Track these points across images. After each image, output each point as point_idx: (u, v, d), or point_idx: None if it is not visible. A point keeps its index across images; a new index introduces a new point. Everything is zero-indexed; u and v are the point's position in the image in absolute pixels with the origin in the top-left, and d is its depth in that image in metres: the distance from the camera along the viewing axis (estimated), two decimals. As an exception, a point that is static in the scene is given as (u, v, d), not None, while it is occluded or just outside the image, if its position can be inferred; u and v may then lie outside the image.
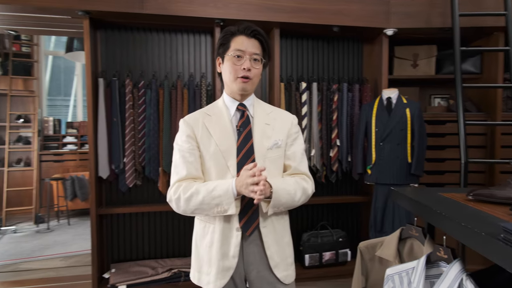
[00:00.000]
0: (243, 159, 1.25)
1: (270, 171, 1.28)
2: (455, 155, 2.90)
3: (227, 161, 1.26)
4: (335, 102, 3.01)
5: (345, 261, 3.01)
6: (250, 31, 1.26)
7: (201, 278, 1.30)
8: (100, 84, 2.71)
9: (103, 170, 2.70)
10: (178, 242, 3.00)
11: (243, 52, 1.24)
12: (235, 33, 1.27)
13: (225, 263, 1.25)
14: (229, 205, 1.19)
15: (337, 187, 3.25)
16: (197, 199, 1.21)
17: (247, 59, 1.24)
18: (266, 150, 1.29)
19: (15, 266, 3.36)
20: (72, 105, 6.95)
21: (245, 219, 1.25)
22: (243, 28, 1.26)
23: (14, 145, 5.49)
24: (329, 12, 2.75)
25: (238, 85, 1.27)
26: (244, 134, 1.28)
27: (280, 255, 1.31)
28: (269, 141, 1.30)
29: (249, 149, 1.27)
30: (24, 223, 4.99)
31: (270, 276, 1.30)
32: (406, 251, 1.22)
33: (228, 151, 1.27)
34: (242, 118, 1.30)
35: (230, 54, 1.26)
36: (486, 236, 0.76)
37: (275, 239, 1.30)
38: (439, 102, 3.41)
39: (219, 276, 1.25)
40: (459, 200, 1.11)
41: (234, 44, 1.25)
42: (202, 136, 1.29)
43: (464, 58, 3.12)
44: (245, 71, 1.25)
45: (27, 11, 2.50)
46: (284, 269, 1.32)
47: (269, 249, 1.28)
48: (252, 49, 1.25)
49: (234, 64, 1.25)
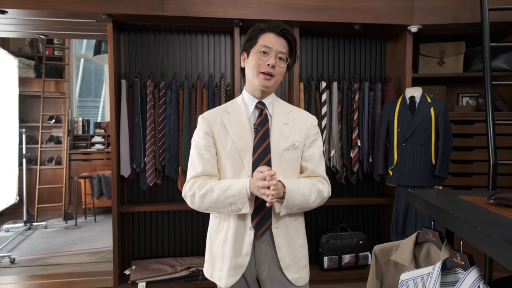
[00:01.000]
0: (259, 158, 1.25)
1: (286, 171, 1.27)
2: (484, 157, 2.77)
3: (243, 160, 1.25)
4: (356, 102, 2.94)
5: (365, 264, 2.93)
6: (280, 30, 1.26)
7: (214, 273, 1.31)
8: (123, 86, 2.79)
9: (124, 169, 2.77)
10: (197, 241, 3.03)
11: (269, 48, 1.24)
12: (264, 30, 1.27)
13: (238, 261, 1.25)
14: (243, 204, 1.19)
15: (358, 189, 3.18)
16: (211, 197, 1.21)
17: (273, 56, 1.24)
18: (283, 151, 1.27)
19: (44, 261, 3.51)
20: (101, 106, 7.20)
21: (257, 219, 1.25)
22: (273, 26, 1.26)
23: (46, 144, 5.75)
24: (351, 9, 2.69)
25: (260, 81, 1.26)
26: (261, 133, 1.27)
27: (291, 257, 1.29)
28: (287, 142, 1.28)
29: (266, 148, 1.25)
30: (54, 219, 5.21)
31: (281, 277, 1.28)
32: (423, 256, 1.17)
33: (244, 149, 1.26)
34: (260, 117, 1.29)
35: (256, 49, 1.25)
36: (503, 243, 0.71)
37: (287, 241, 1.29)
38: (468, 101, 3.26)
39: (231, 273, 1.25)
40: (480, 203, 1.05)
41: (262, 40, 1.25)
42: (219, 133, 1.28)
43: (494, 55, 2.96)
44: (269, 68, 1.24)
45: (55, 15, 2.61)
46: (295, 271, 1.30)
47: (280, 250, 1.27)
48: (279, 47, 1.25)
49: (259, 59, 1.25)
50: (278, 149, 1.27)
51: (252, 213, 1.24)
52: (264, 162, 1.24)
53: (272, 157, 1.26)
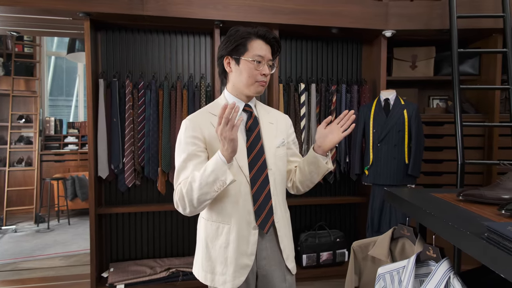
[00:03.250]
0: (255, 159, 1.29)
1: (280, 167, 1.35)
2: (453, 156, 2.91)
3: (239, 162, 1.27)
4: (334, 103, 3.02)
5: (342, 261, 3.02)
6: (270, 38, 1.28)
7: (215, 279, 1.28)
8: (101, 85, 2.74)
9: (102, 170, 2.72)
10: (176, 241, 3.01)
11: (262, 58, 1.26)
12: (253, 36, 1.26)
13: (244, 261, 1.27)
14: (224, 174, 1.14)
15: (335, 188, 3.27)
16: (195, 186, 1.16)
17: (265, 64, 1.27)
18: (276, 148, 1.34)
19: (15, 265, 3.38)
20: (73, 106, 6.98)
21: (261, 218, 1.28)
22: (262, 32, 1.26)
23: (16, 145, 5.52)
24: (328, 13, 2.77)
25: (256, 88, 1.29)
26: (254, 135, 1.31)
27: (289, 247, 1.38)
28: (277, 140, 1.35)
29: (260, 149, 1.30)
30: (25, 222, 5.01)
31: (279, 269, 1.33)
32: (398, 251, 1.24)
33: (238, 151, 1.25)
34: (250, 119, 1.33)
35: (250, 59, 1.25)
36: (471, 235, 0.78)
37: (285, 233, 1.36)
38: (438, 104, 3.42)
39: (236, 274, 1.26)
40: (450, 200, 1.13)
41: (254, 49, 1.25)
42: (211, 137, 1.26)
43: (462, 60, 3.13)
44: (265, 77, 1.28)
45: (28, 12, 2.52)
46: (292, 261, 1.38)
47: (282, 242, 1.34)
48: (269, 55, 1.29)
49: (255, 69, 1.26)
50: (272, 147, 1.33)
51: (255, 212, 1.27)
52: (261, 162, 1.29)
53: (267, 156, 1.31)
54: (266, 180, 1.29)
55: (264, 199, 1.27)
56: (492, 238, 0.72)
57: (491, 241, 0.72)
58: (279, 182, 1.35)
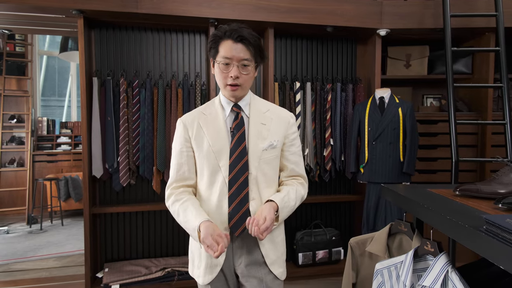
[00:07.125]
0: (236, 161, 1.26)
1: (266, 171, 1.29)
2: (447, 154, 2.94)
3: (219, 162, 1.27)
4: (329, 102, 3.03)
5: (338, 259, 3.02)
6: (236, 36, 1.20)
7: (194, 270, 1.36)
8: (94, 84, 2.71)
9: (96, 169, 2.70)
10: (172, 241, 3.00)
11: (230, 59, 1.21)
12: (222, 37, 1.23)
13: (213, 260, 1.27)
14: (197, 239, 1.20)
15: (331, 186, 3.27)
16: (178, 219, 1.28)
17: (235, 65, 1.21)
18: (261, 151, 1.29)
19: (8, 267, 3.33)
20: (66, 105, 6.91)
21: (235, 220, 1.25)
22: (229, 32, 1.21)
23: (7, 145, 5.45)
24: (323, 12, 2.77)
25: (228, 92, 1.27)
26: (237, 136, 1.27)
27: (275, 253, 1.33)
28: (264, 142, 1.29)
29: (242, 151, 1.27)
30: (17, 223, 4.95)
31: (258, 270, 1.31)
32: (396, 246, 1.24)
33: (221, 151, 1.27)
34: (236, 120, 1.29)
35: (218, 61, 1.24)
36: (470, 228, 0.78)
37: (269, 238, 1.31)
38: (432, 102, 3.45)
39: (207, 271, 1.29)
40: (446, 195, 1.13)
41: (222, 50, 1.22)
42: (196, 136, 1.30)
43: (455, 59, 3.16)
44: (233, 80, 1.22)
45: (21, 9, 2.49)
46: (279, 266, 1.34)
47: (263, 247, 1.29)
48: (239, 55, 1.21)
49: (223, 72, 1.23)
50: (257, 151, 1.28)
51: (229, 212, 1.25)
52: (242, 164, 1.25)
53: (251, 159, 1.27)
54: (245, 183, 1.25)
55: (240, 202, 1.25)
56: (490, 230, 0.72)
57: (489, 234, 0.72)
58: (265, 187, 1.29)
